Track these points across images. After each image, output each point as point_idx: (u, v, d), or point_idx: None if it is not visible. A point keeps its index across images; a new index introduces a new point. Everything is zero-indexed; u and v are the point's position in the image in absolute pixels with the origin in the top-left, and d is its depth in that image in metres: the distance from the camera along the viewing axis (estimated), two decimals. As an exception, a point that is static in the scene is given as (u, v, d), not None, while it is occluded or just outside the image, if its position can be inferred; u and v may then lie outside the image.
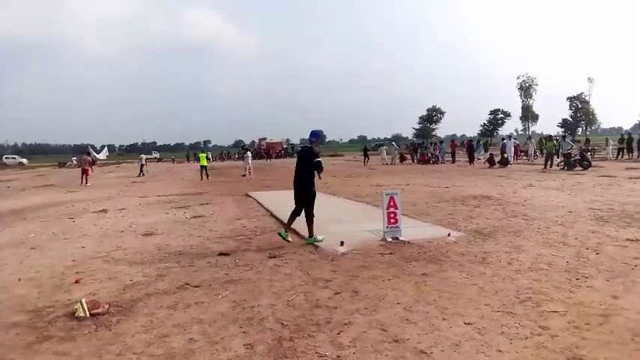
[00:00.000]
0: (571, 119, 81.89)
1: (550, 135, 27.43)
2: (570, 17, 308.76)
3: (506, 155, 24.60)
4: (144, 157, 32.83)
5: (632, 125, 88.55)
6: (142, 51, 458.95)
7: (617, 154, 28.31)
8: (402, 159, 33.99)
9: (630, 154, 28.30)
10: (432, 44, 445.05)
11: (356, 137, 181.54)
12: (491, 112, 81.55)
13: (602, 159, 27.32)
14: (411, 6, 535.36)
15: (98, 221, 10.19)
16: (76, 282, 5.36)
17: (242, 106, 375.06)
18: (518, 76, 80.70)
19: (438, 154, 31.33)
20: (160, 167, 45.55)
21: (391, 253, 6.03)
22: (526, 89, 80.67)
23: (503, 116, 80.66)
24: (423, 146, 36.03)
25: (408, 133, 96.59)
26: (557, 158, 22.97)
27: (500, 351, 3.19)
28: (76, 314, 4.21)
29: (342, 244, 6.49)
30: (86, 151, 31.54)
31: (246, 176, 22.78)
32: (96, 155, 62.08)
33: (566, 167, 20.13)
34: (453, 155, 31.25)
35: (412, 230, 7.27)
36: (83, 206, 13.21)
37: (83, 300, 4.38)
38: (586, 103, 79.64)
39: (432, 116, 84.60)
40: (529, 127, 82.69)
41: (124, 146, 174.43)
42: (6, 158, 68.67)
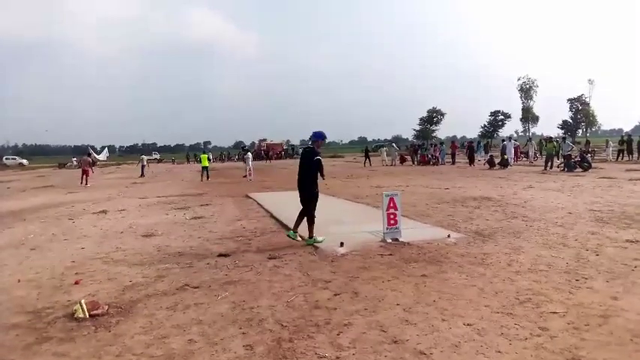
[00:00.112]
0: (571, 121, 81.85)
1: (550, 136, 27.48)
2: (570, 18, 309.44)
3: (506, 157, 24.61)
4: (145, 158, 32.80)
5: (632, 127, 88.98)
6: (142, 51, 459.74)
7: (618, 156, 28.31)
8: (402, 160, 34.06)
9: (630, 156, 28.29)
10: (432, 44, 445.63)
11: (356, 138, 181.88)
12: (491, 113, 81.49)
13: (603, 160, 27.31)
14: (411, 6, 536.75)
15: (98, 222, 10.19)
16: (76, 283, 5.37)
17: (242, 107, 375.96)
18: (518, 78, 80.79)
19: (438, 156, 31.37)
20: (160, 168, 45.53)
21: (391, 255, 6.03)
22: (526, 91, 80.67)
23: (503, 118, 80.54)
24: (424, 147, 36.06)
25: (409, 135, 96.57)
26: (557, 160, 22.99)
27: (499, 352, 3.19)
28: (76, 315, 4.21)
29: (342, 245, 6.49)
30: (86, 152, 31.57)
31: (247, 177, 22.79)
32: (96, 156, 62.17)
33: (566, 169, 20.13)
34: (453, 156, 31.29)
35: (412, 231, 7.27)
36: (83, 207, 13.22)
37: (83, 301, 4.38)
38: (586, 104, 79.63)
39: (432, 117, 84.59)
40: (529, 129, 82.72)
41: (124, 147, 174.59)
42: (6, 159, 68.69)
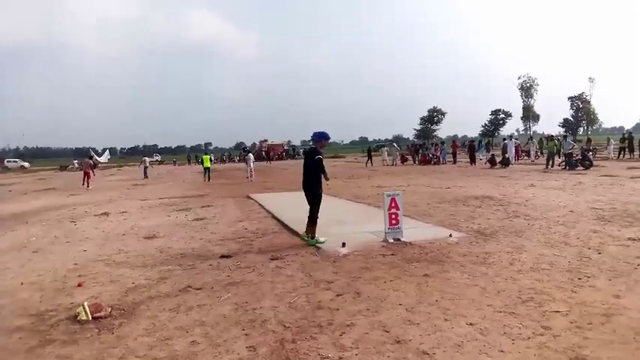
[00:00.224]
0: (572, 119, 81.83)
1: (551, 135, 27.44)
2: (570, 16, 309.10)
3: (507, 155, 24.59)
4: (147, 159, 32.78)
5: (633, 125, 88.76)
6: (142, 52, 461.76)
7: (619, 154, 28.26)
8: (403, 160, 34.08)
9: (632, 154, 28.24)
10: (432, 44, 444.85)
11: (357, 138, 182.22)
12: (492, 112, 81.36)
13: (604, 159, 27.26)
14: (411, 6, 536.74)
15: (100, 224, 10.20)
16: (79, 285, 5.37)
17: (243, 108, 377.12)
18: (519, 77, 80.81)
19: (439, 155, 31.38)
20: (162, 170, 45.59)
21: (393, 254, 6.03)
22: (527, 89, 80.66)
23: (504, 116, 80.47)
24: (425, 147, 36.05)
25: (409, 134, 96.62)
26: (558, 158, 22.96)
27: (502, 351, 3.19)
28: (79, 318, 4.21)
29: (344, 245, 6.49)
30: (88, 154, 31.65)
31: (248, 178, 22.80)
32: (97, 158, 62.22)
33: (567, 167, 20.11)
34: (454, 156, 31.28)
35: (414, 231, 7.26)
36: (85, 209, 13.24)
37: (85, 303, 4.39)
38: (587, 102, 79.58)
39: (433, 117, 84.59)
40: (530, 127, 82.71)
41: (125, 149, 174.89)
42: (7, 162, 68.85)
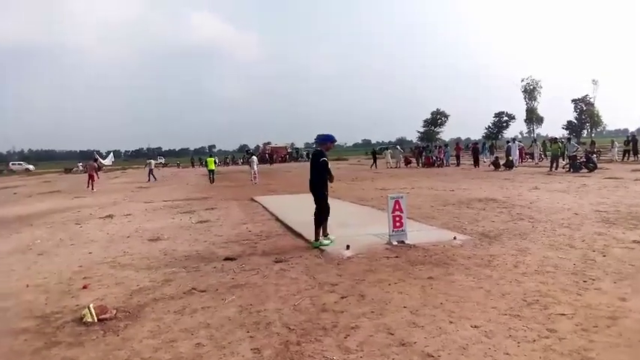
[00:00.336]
0: (576, 121, 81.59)
1: (555, 137, 27.36)
2: (572, 16, 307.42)
3: (511, 158, 24.55)
4: (153, 162, 32.82)
5: (638, 127, 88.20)
6: (143, 54, 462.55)
7: (623, 156, 28.15)
8: (406, 162, 34.09)
9: (636, 156, 28.04)
10: (432, 44, 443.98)
11: (360, 141, 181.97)
12: (495, 114, 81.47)
13: (608, 161, 27.13)
14: (411, 6, 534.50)
15: (104, 227, 10.25)
16: (84, 287, 5.40)
17: (246, 110, 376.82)
18: (522, 79, 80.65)
19: (442, 157, 31.36)
20: (166, 172, 45.68)
21: (397, 257, 6.02)
22: (530, 92, 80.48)
23: (507, 119, 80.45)
24: (428, 149, 36.02)
25: (413, 136, 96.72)
26: (562, 161, 22.89)
27: (507, 354, 3.18)
28: (84, 320, 4.23)
29: (348, 247, 6.49)
30: (92, 157, 31.77)
31: (252, 181, 22.83)
32: (102, 161, 62.43)
33: (571, 169, 20.04)
34: (457, 158, 31.24)
35: (418, 234, 7.26)
36: (89, 212, 13.30)
37: (91, 305, 4.41)
38: (591, 105, 79.34)
39: (437, 119, 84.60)
40: (534, 130, 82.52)
41: (129, 152, 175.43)
42: (12, 164, 69.25)
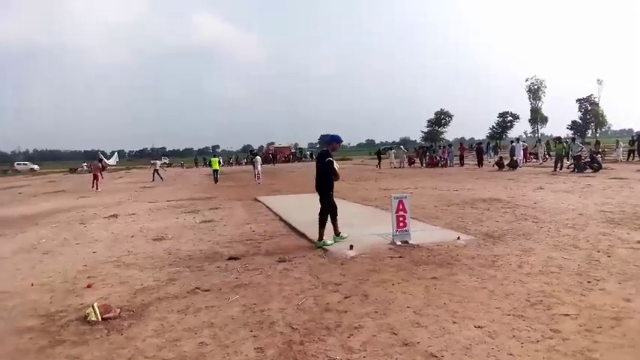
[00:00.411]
0: (580, 121, 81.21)
1: (559, 137, 27.25)
2: (573, 15, 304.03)
3: (515, 158, 24.48)
4: (158, 162, 32.70)
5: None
6: (144, 55, 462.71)
7: (628, 156, 28.01)
8: (410, 162, 34.06)
9: (641, 156, 27.97)
10: (432, 44, 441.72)
11: (364, 141, 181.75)
12: (499, 114, 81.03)
13: (613, 161, 27.01)
14: (411, 6, 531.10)
15: (109, 226, 10.29)
16: (88, 286, 5.42)
17: (250, 110, 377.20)
18: (527, 79, 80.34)
19: (446, 158, 31.30)
20: (170, 172, 45.80)
21: (400, 257, 6.02)
22: (535, 91, 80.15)
23: (512, 119, 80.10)
24: (432, 149, 35.97)
25: (416, 136, 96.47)
26: (567, 161, 22.81)
27: (511, 354, 3.18)
28: (88, 318, 4.26)
29: (352, 247, 6.49)
30: (97, 157, 31.88)
31: (256, 181, 22.85)
32: (106, 161, 62.61)
33: (576, 169, 19.96)
34: (461, 158, 31.17)
35: (421, 234, 7.25)
36: (94, 211, 13.36)
37: (95, 304, 4.43)
38: (595, 104, 78.94)
39: (441, 119, 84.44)
40: (538, 130, 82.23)
41: (133, 152, 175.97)
42: (17, 164, 69.63)
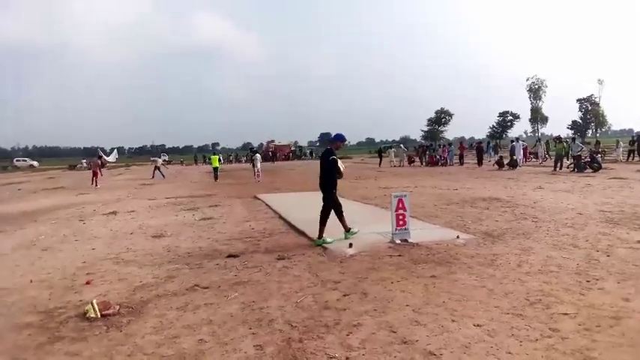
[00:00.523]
0: (581, 121, 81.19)
1: (559, 136, 27.27)
2: (573, 15, 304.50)
3: (515, 157, 24.48)
4: (159, 160, 32.51)
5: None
6: (146, 54, 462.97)
7: (628, 156, 28.02)
8: (410, 161, 34.07)
9: (641, 156, 27.97)
10: (432, 44, 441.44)
11: (364, 139, 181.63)
12: (500, 114, 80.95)
13: (613, 161, 27.03)
14: (411, 6, 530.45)
15: (108, 223, 10.28)
16: (87, 283, 5.42)
17: (249, 108, 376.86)
18: (527, 78, 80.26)
19: (446, 157, 31.30)
20: (169, 170, 45.73)
21: (400, 255, 6.02)
22: (535, 91, 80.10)
23: (512, 118, 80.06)
24: (432, 148, 35.97)
25: (417, 135, 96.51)
26: (567, 160, 22.81)
27: (510, 353, 3.18)
28: (87, 315, 4.25)
29: (351, 246, 6.49)
30: (96, 153, 31.82)
31: (255, 179, 22.84)
32: (106, 158, 62.58)
33: (576, 169, 19.97)
34: (461, 157, 31.18)
35: (421, 232, 7.26)
36: (93, 208, 13.34)
37: (94, 301, 4.43)
38: (596, 104, 78.91)
39: (441, 118, 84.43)
40: (538, 129, 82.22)
41: (133, 149, 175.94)
42: (17, 161, 69.59)
